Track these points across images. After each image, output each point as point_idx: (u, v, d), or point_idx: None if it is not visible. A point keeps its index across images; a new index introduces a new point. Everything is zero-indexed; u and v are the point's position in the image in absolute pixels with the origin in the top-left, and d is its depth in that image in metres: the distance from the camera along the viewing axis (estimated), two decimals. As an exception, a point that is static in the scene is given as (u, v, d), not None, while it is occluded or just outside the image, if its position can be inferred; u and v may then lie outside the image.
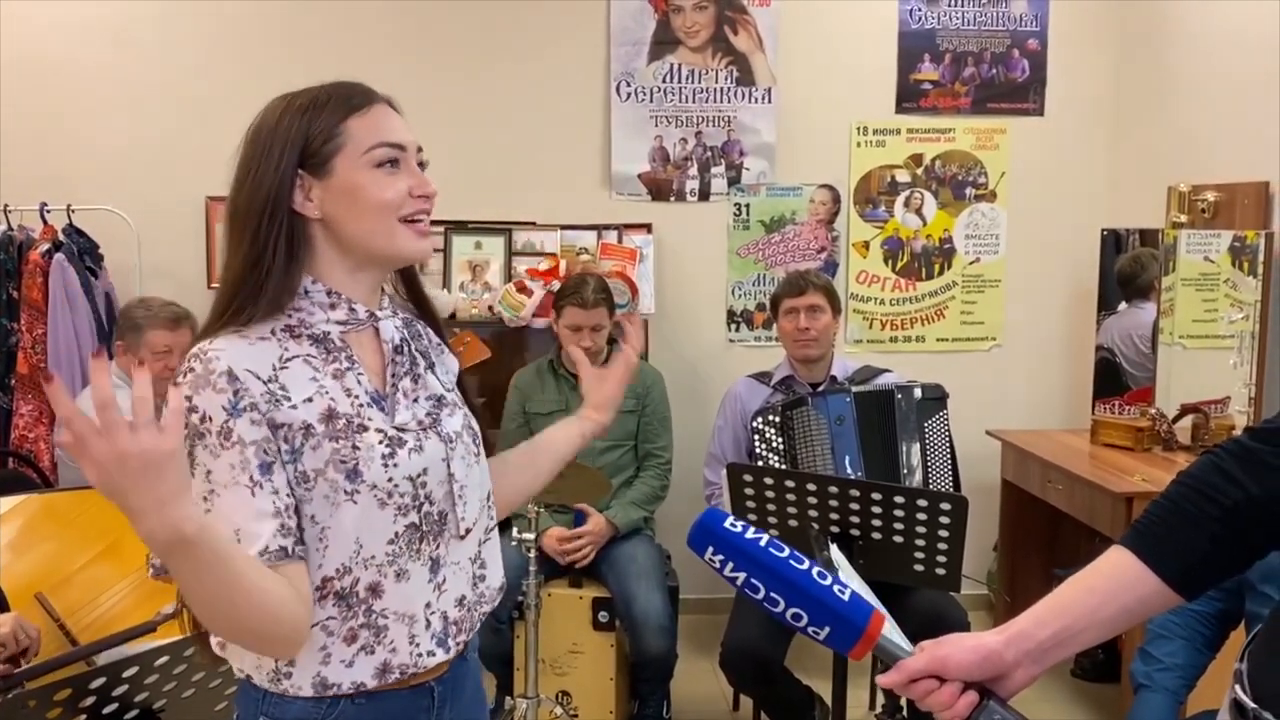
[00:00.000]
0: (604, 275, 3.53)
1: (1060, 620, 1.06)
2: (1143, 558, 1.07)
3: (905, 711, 2.84)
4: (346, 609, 1.24)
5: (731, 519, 1.07)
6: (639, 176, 4.15)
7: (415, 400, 1.32)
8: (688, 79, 4.13)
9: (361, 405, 1.26)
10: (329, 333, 1.29)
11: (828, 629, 1.03)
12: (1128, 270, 3.82)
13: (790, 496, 2.37)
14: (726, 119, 4.15)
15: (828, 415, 2.94)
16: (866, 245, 4.26)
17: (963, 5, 4.17)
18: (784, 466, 2.92)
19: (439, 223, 3.89)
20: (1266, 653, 1.08)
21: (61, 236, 3.69)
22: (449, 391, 1.39)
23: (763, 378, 3.30)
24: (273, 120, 1.27)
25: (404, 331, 1.36)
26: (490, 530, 1.41)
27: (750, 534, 1.05)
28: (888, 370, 3.27)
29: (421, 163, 1.33)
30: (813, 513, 2.35)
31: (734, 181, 4.19)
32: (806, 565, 1.04)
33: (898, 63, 4.18)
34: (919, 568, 2.33)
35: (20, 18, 3.91)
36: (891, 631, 1.04)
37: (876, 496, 2.28)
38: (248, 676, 1.28)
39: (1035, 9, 4.19)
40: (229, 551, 1.10)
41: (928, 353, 4.27)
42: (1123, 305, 3.84)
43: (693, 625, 3.68)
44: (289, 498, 1.20)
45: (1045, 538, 3.87)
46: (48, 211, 3.71)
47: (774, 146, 4.17)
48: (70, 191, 3.78)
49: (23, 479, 3.30)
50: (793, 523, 2.39)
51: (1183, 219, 3.65)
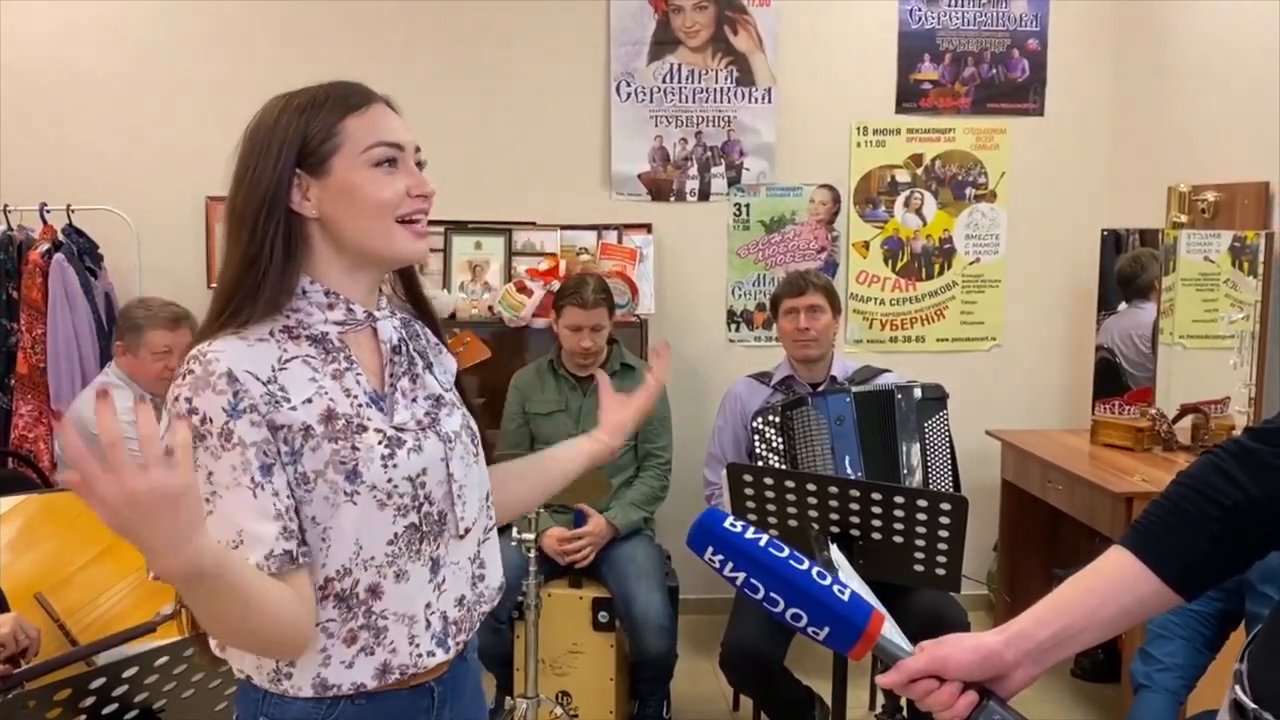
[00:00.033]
0: (604, 275, 3.53)
1: (1060, 620, 1.06)
2: (1142, 558, 1.07)
3: (905, 712, 2.84)
4: (346, 610, 1.24)
5: (731, 519, 1.07)
6: (639, 176, 4.15)
7: (414, 400, 1.32)
8: (688, 79, 4.13)
9: (361, 405, 1.26)
10: (327, 333, 1.28)
11: (827, 629, 1.03)
12: (1128, 270, 3.82)
13: (790, 497, 2.37)
14: (726, 119, 4.15)
15: (828, 415, 2.94)
16: (866, 245, 4.26)
17: (963, 5, 4.17)
18: (784, 466, 2.92)
19: (439, 223, 3.90)
20: (1266, 653, 1.08)
21: (61, 236, 3.69)
22: (447, 391, 1.39)
23: (763, 378, 3.30)
24: (271, 120, 1.27)
25: (402, 331, 1.36)
26: (489, 530, 1.41)
27: (750, 534, 1.05)
28: (888, 370, 3.27)
29: (420, 162, 1.32)
30: (813, 513, 2.35)
31: (734, 181, 4.19)
32: (806, 565, 1.04)
33: (898, 63, 4.18)
34: (919, 568, 2.33)
35: (20, 18, 3.91)
36: (891, 631, 1.04)
37: (876, 496, 2.28)
38: (247, 677, 1.28)
39: (1035, 9, 4.19)
40: (245, 577, 1.10)
41: (928, 353, 4.27)
42: (1123, 305, 3.84)
43: (693, 625, 3.68)
44: (289, 499, 1.20)
45: (1045, 538, 3.87)
46: (47, 211, 3.71)
47: (774, 146, 4.17)
48: (70, 191, 3.78)
49: (22, 479, 3.30)
50: (793, 523, 2.39)
51: (1183, 219, 3.65)
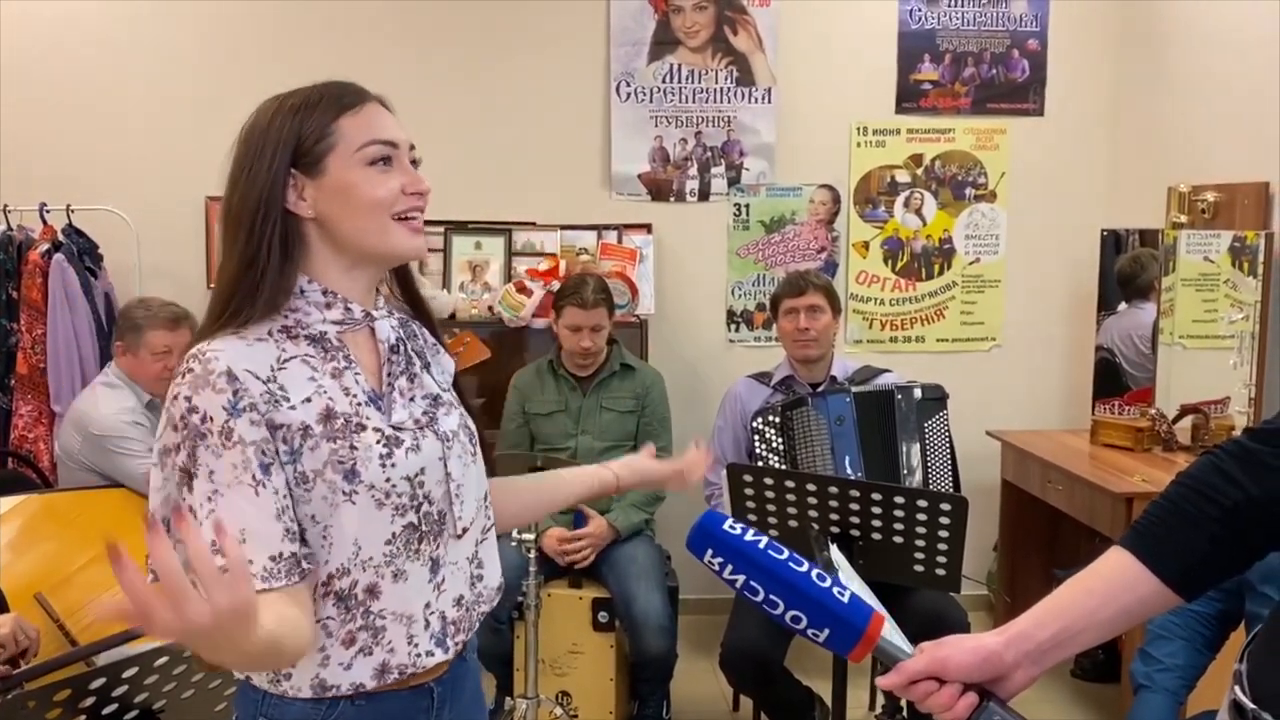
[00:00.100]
0: (604, 275, 3.53)
1: (1060, 621, 1.06)
2: (1142, 558, 1.07)
3: (905, 712, 2.84)
4: (345, 610, 1.24)
5: (730, 521, 1.06)
6: (639, 177, 4.15)
7: (412, 399, 1.32)
8: (688, 79, 4.13)
9: (359, 404, 1.26)
10: (325, 332, 1.28)
11: (827, 631, 1.03)
12: (1128, 270, 3.82)
13: (790, 497, 2.37)
14: (726, 119, 4.15)
15: (828, 415, 2.94)
16: (866, 245, 4.26)
17: (963, 5, 4.17)
18: (784, 467, 2.91)
19: (439, 223, 3.90)
20: (1266, 653, 1.08)
21: (61, 237, 3.69)
22: (445, 391, 1.39)
23: (763, 378, 3.30)
24: (265, 120, 1.27)
25: (400, 331, 1.36)
26: (487, 531, 1.41)
27: (749, 536, 1.05)
28: (888, 370, 3.27)
29: (415, 161, 1.32)
30: (813, 513, 2.35)
31: (734, 182, 4.18)
32: (806, 567, 1.04)
33: (898, 63, 4.18)
34: (919, 568, 2.33)
35: (20, 18, 3.91)
36: (891, 633, 1.04)
37: (876, 497, 2.28)
38: (247, 677, 1.28)
39: (1035, 9, 4.19)
40: (281, 635, 1.11)
41: (928, 353, 4.27)
42: (1123, 305, 3.84)
43: (693, 625, 3.68)
44: (287, 499, 1.20)
45: (1045, 538, 3.87)
46: (47, 212, 3.71)
47: (774, 147, 4.17)
48: (70, 191, 3.77)
49: (22, 479, 3.30)
50: (793, 523, 2.39)
51: (1183, 219, 3.64)
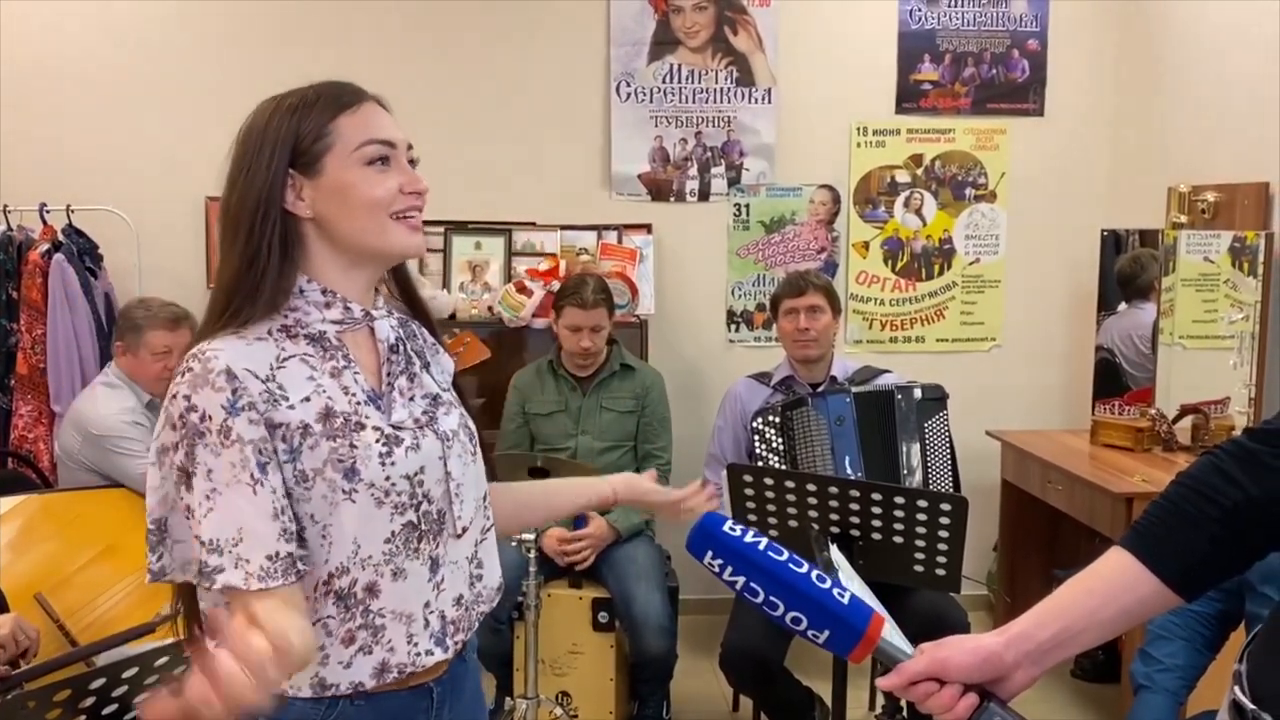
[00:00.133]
0: (604, 276, 3.53)
1: (1060, 621, 1.06)
2: (1142, 559, 1.07)
3: (905, 713, 2.84)
4: (345, 609, 1.24)
5: (730, 522, 1.06)
6: (639, 177, 4.15)
7: (411, 399, 1.33)
8: (688, 79, 4.13)
9: (359, 404, 1.27)
10: (325, 332, 1.29)
11: (827, 632, 1.02)
12: (1128, 270, 3.82)
13: (790, 497, 2.36)
14: (726, 119, 4.15)
15: (827, 416, 2.94)
16: (866, 246, 4.26)
17: (963, 5, 4.17)
18: (784, 467, 2.91)
19: (439, 223, 3.91)
20: (1265, 653, 1.08)
21: (61, 237, 3.69)
22: (445, 391, 1.39)
23: (763, 378, 3.30)
24: (262, 121, 1.27)
25: (399, 331, 1.36)
26: (486, 531, 1.41)
27: (750, 537, 1.05)
28: (888, 371, 3.27)
29: (412, 160, 1.32)
30: (813, 513, 2.35)
31: (734, 182, 4.18)
32: (806, 569, 1.04)
33: (898, 63, 4.18)
34: (919, 568, 2.33)
35: (20, 18, 3.90)
36: (891, 634, 1.04)
37: (876, 497, 2.28)
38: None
39: (1035, 9, 4.18)
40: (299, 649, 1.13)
41: (928, 353, 4.27)
42: (1123, 305, 3.84)
43: (693, 625, 3.68)
44: (284, 499, 1.20)
45: (1045, 538, 3.87)
46: (47, 212, 3.71)
47: (774, 147, 4.17)
48: (70, 191, 3.77)
49: (22, 479, 3.30)
50: (793, 523, 2.39)
51: (1183, 219, 3.64)
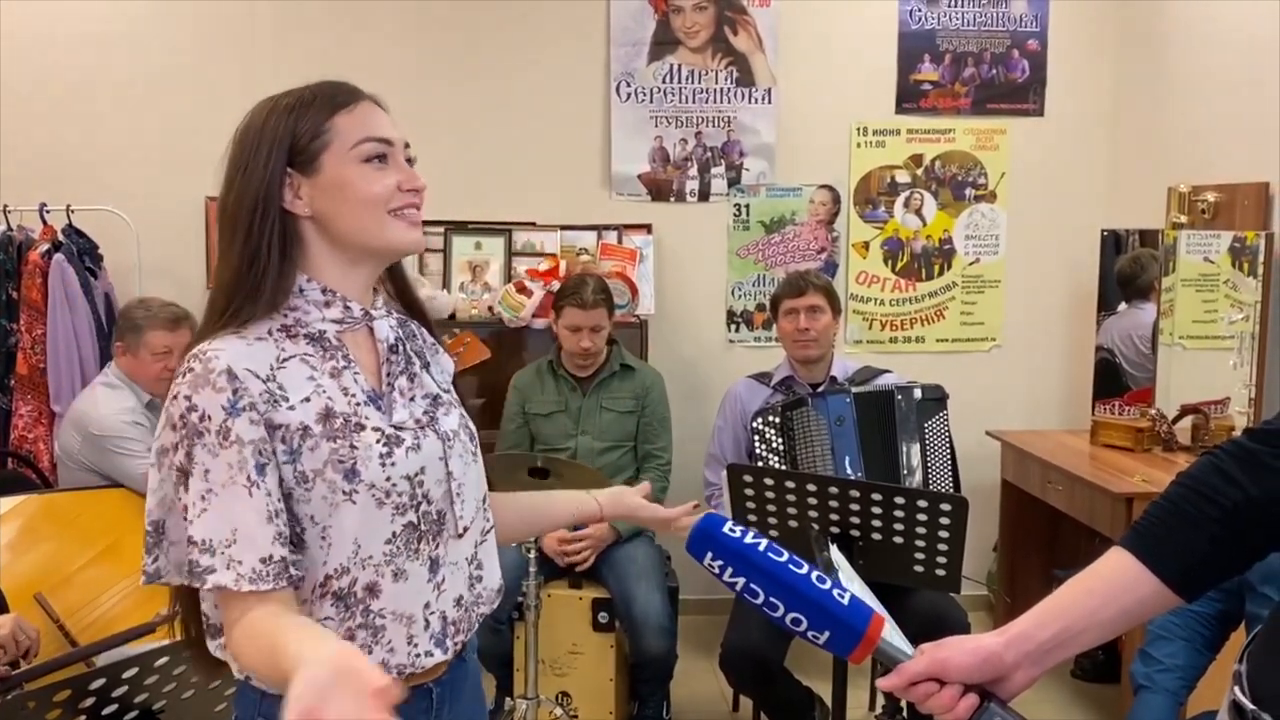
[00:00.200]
0: (604, 276, 3.53)
1: (1060, 622, 1.06)
2: (1142, 559, 1.07)
3: (905, 713, 2.84)
4: (344, 609, 1.24)
5: (731, 524, 1.06)
6: (639, 177, 4.15)
7: (411, 399, 1.33)
8: (688, 79, 4.13)
9: (359, 404, 1.27)
10: (325, 331, 1.29)
11: (828, 633, 1.02)
12: (1128, 271, 3.81)
13: (790, 497, 2.36)
14: (726, 119, 4.15)
15: (828, 416, 2.94)
16: (866, 246, 4.26)
17: (963, 5, 4.17)
18: (784, 467, 2.91)
19: (439, 223, 3.91)
20: (1265, 654, 1.08)
21: (61, 237, 3.68)
22: (445, 391, 1.39)
23: (763, 378, 3.30)
24: (259, 121, 1.27)
25: (399, 331, 1.36)
26: (486, 532, 1.41)
27: (750, 539, 1.05)
28: (888, 371, 3.27)
29: (410, 159, 1.33)
30: (813, 513, 2.35)
31: (734, 182, 4.18)
32: (806, 570, 1.04)
33: (898, 63, 4.18)
34: (919, 569, 2.33)
35: (20, 18, 3.90)
36: (891, 634, 1.04)
37: (876, 497, 2.28)
38: (246, 677, 1.28)
39: (1035, 9, 4.18)
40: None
41: (928, 353, 4.27)
42: (1123, 306, 3.83)
43: (693, 625, 3.68)
44: (280, 502, 1.20)
45: (1045, 538, 3.87)
46: (47, 212, 3.71)
47: (774, 147, 4.17)
48: (70, 191, 3.77)
49: (22, 479, 3.30)
50: (793, 523, 2.39)
51: (1183, 219, 3.64)
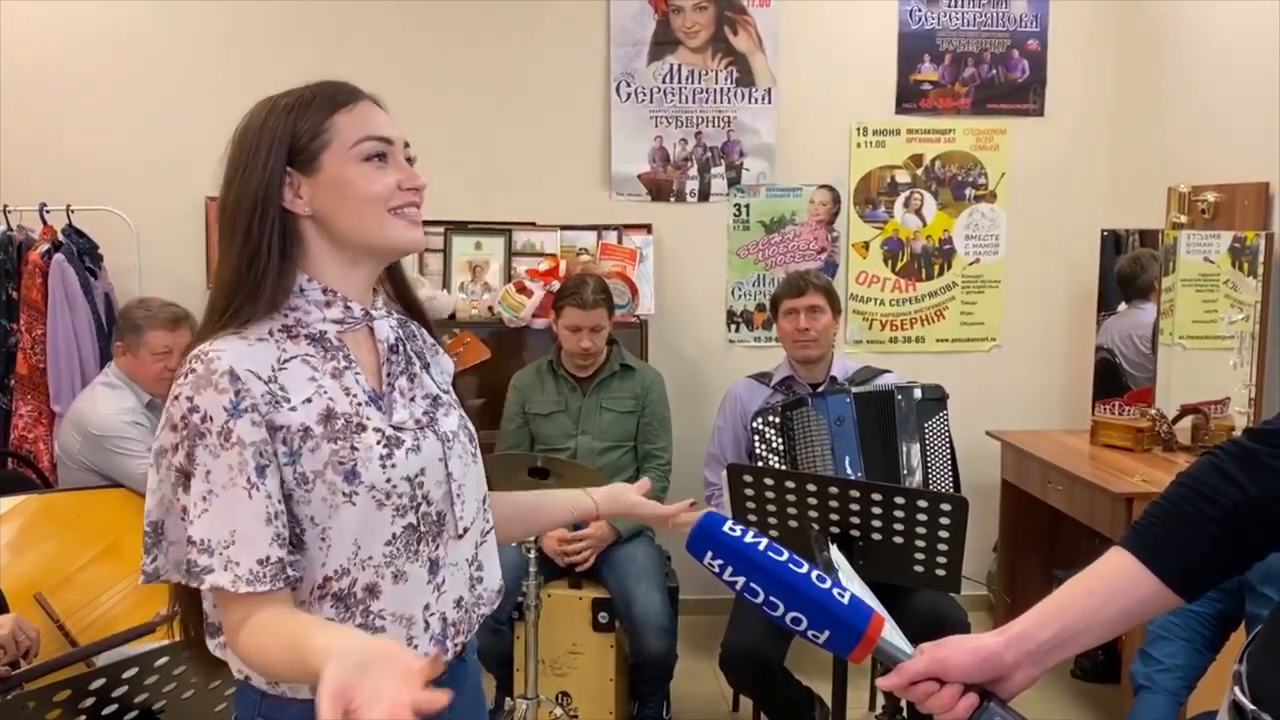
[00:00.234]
0: (604, 276, 3.53)
1: (1060, 621, 1.06)
2: (1142, 559, 1.07)
3: (905, 713, 2.84)
4: (344, 610, 1.24)
5: (731, 523, 1.06)
6: (639, 177, 4.15)
7: (412, 400, 1.33)
8: (688, 79, 4.13)
9: (360, 404, 1.27)
10: (325, 332, 1.29)
11: (828, 633, 1.03)
12: (1128, 271, 3.81)
13: (790, 497, 2.36)
14: (726, 119, 4.15)
15: (827, 416, 2.94)
16: (866, 246, 4.26)
17: (963, 5, 4.17)
18: (784, 467, 2.91)
19: (439, 223, 3.91)
20: (1266, 654, 1.08)
21: (61, 237, 3.69)
22: (445, 392, 1.39)
23: (763, 378, 3.30)
24: (259, 121, 1.27)
25: (399, 331, 1.36)
26: (487, 533, 1.41)
27: (750, 538, 1.05)
28: (888, 371, 3.27)
29: (409, 159, 1.33)
30: (813, 513, 2.35)
31: (734, 182, 4.18)
32: (806, 569, 1.04)
33: (898, 63, 4.18)
34: (919, 569, 2.33)
35: (20, 18, 3.90)
36: (891, 634, 1.04)
37: (876, 497, 2.28)
38: (246, 678, 1.28)
39: (1035, 9, 4.18)
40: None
41: (928, 353, 4.27)
42: (1123, 306, 3.83)
43: (693, 625, 3.68)
44: (280, 504, 1.20)
45: (1045, 538, 3.87)
46: (47, 212, 3.71)
47: (774, 147, 4.17)
48: (70, 192, 3.77)
49: (22, 479, 3.30)
50: (793, 523, 2.39)
51: (1183, 219, 3.64)
